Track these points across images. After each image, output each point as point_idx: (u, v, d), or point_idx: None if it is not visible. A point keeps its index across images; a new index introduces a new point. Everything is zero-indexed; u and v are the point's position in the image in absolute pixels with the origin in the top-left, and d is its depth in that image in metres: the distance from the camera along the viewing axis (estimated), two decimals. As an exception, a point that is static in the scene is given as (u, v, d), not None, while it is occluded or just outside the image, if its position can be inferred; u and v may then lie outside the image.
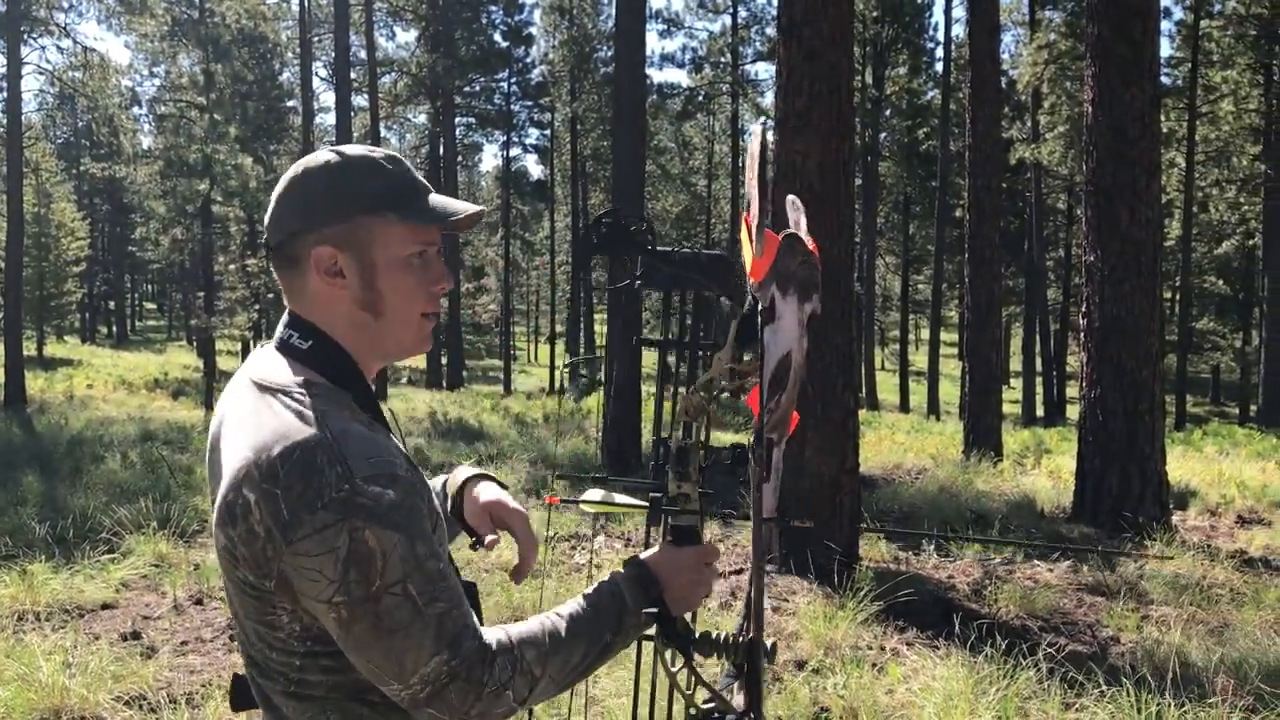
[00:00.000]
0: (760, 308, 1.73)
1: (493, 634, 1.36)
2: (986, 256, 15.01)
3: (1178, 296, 41.48)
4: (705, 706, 1.67)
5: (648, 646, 1.75)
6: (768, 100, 41.96)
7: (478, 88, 44.51)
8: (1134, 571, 7.30)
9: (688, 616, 1.67)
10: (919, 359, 61.24)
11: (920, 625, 5.89)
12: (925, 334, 54.09)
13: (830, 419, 7.22)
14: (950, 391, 45.93)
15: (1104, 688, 4.47)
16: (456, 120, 43.52)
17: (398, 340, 1.48)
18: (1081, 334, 9.51)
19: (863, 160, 39.97)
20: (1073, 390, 28.86)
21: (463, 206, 1.48)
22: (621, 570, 1.55)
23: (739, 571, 7.09)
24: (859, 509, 7.55)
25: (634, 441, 13.24)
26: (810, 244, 1.74)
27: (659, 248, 1.88)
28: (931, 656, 5.09)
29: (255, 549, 1.30)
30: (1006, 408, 34.60)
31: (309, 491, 1.27)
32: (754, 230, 1.71)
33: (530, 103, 47.74)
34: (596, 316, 53.83)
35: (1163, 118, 38.38)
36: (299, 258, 1.44)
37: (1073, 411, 25.18)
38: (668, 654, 1.65)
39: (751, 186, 1.74)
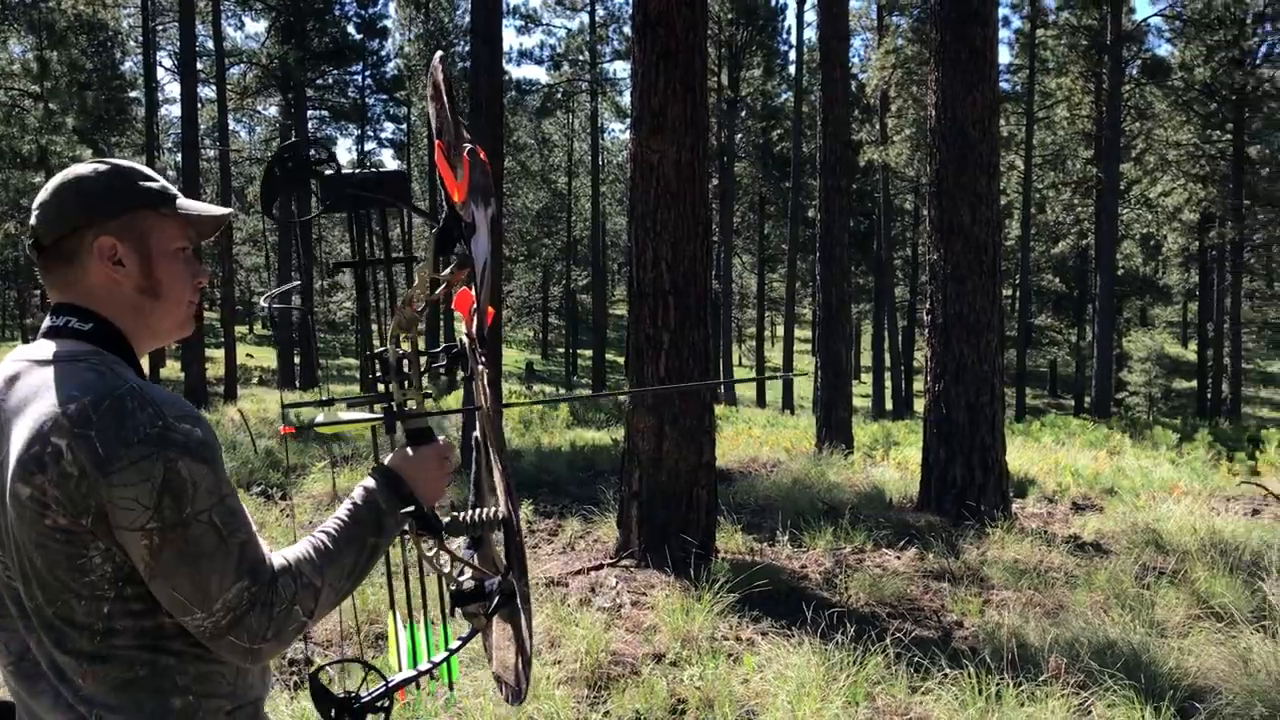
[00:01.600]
0: (464, 223, 1.89)
1: (275, 558, 1.51)
2: (837, 255, 15.42)
3: (1018, 294, 43.36)
4: (465, 581, 1.87)
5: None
6: (627, 99, 42.17)
7: (331, 80, 43.46)
8: (977, 558, 7.60)
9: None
10: (775, 355, 62.56)
11: (775, 615, 6.00)
12: (781, 331, 55.20)
13: (687, 414, 7.30)
14: (805, 387, 47.07)
15: (948, 670, 4.64)
16: (309, 113, 42.41)
17: (174, 319, 1.64)
18: (927, 330, 9.85)
19: (719, 160, 40.54)
20: (920, 384, 29.85)
21: (216, 208, 1.67)
22: (371, 479, 1.71)
23: (598, 567, 7.11)
24: (715, 502, 7.65)
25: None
26: (481, 153, 1.94)
27: (341, 171, 1.91)
28: (785, 645, 5.19)
29: (69, 489, 1.38)
30: (858, 402, 35.63)
31: (124, 430, 1.39)
32: (451, 155, 1.87)
33: (386, 96, 46.88)
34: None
35: (1002, 122, 40.04)
36: (75, 251, 1.57)
37: (920, 405, 26.09)
38: (424, 544, 1.82)
39: (445, 115, 1.90)
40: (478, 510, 1.91)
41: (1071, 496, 11.29)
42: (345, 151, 49.16)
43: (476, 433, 2.15)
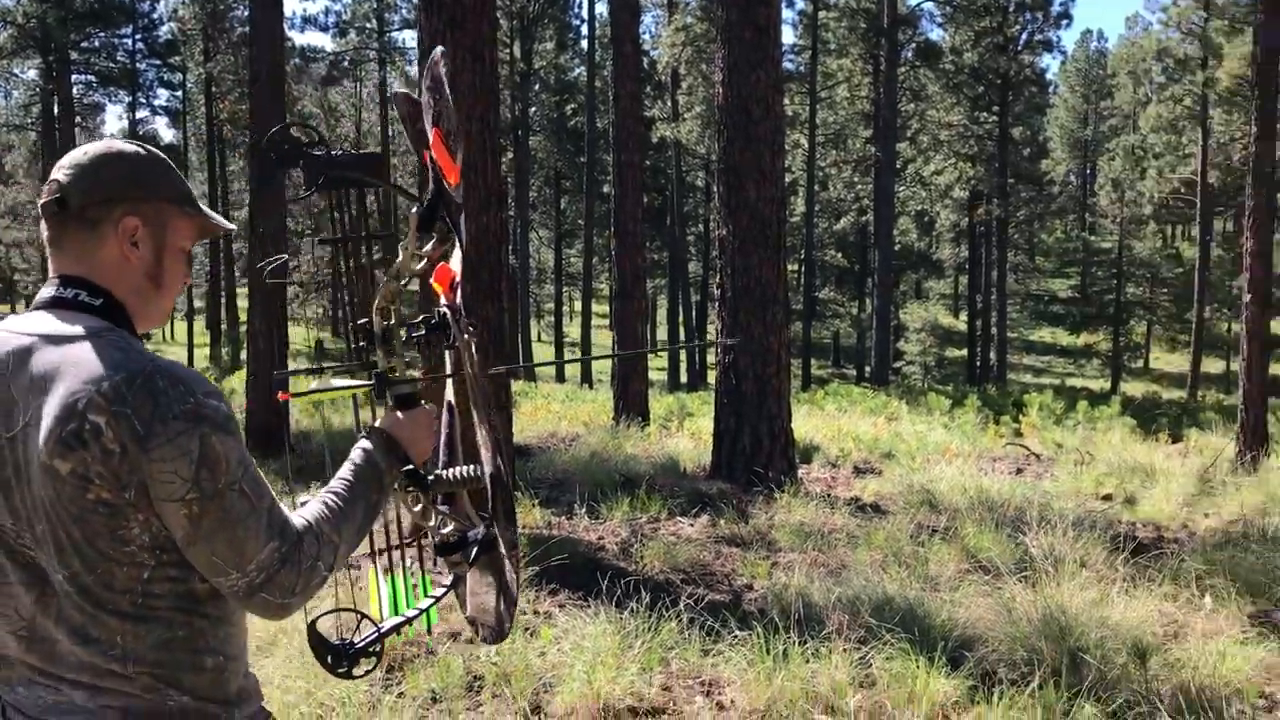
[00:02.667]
0: (455, 204, 2.05)
1: (295, 519, 1.63)
2: (631, 230, 15.58)
3: (803, 268, 44.99)
4: (448, 534, 2.06)
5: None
6: (416, 69, 41.24)
7: (97, 43, 40.62)
8: (765, 522, 7.85)
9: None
10: (573, 330, 62.71)
11: (572, 587, 6.03)
12: (579, 305, 55.48)
13: (481, 390, 7.21)
14: (602, 361, 47.48)
15: (738, 632, 4.78)
16: (74, 78, 39.58)
17: (163, 311, 1.73)
18: (716, 303, 10.08)
19: (514, 134, 40.23)
20: (713, 357, 30.63)
21: (225, 221, 1.79)
22: (367, 441, 1.85)
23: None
24: (512, 477, 7.61)
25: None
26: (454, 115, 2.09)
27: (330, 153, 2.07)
28: (582, 616, 5.22)
29: (112, 465, 1.47)
30: (654, 375, 36.23)
31: (159, 408, 1.48)
32: (450, 142, 2.03)
33: (159, 62, 44.10)
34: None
35: (786, 101, 41.31)
36: (99, 221, 1.64)
37: (714, 377, 26.79)
38: (409, 499, 2.04)
39: (445, 105, 2.05)
40: (454, 469, 2.07)
41: (853, 461, 11.83)
42: (115, 120, 46.15)
43: (450, 397, 2.30)
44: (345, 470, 1.79)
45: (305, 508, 1.68)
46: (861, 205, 44.36)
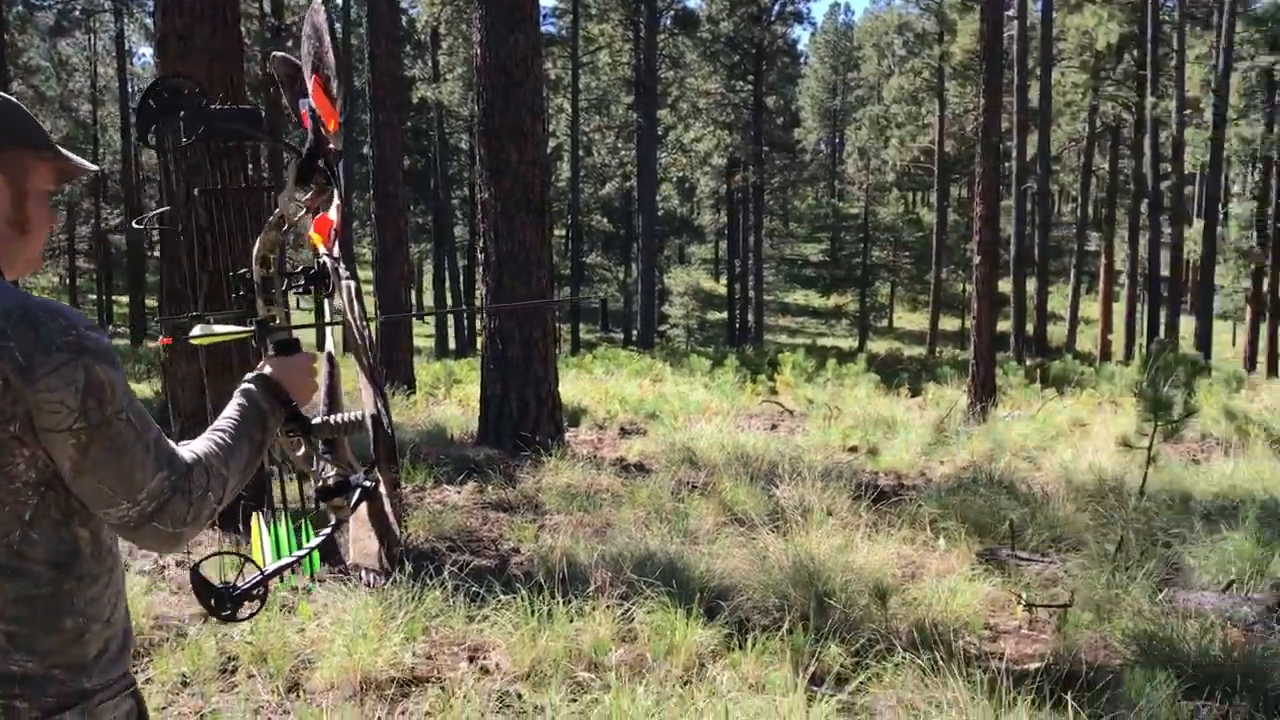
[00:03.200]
0: (335, 151, 2.10)
1: (184, 452, 1.66)
2: (392, 192, 15.20)
3: (570, 233, 45.23)
4: (330, 478, 2.11)
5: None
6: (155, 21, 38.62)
7: None
8: (533, 486, 7.89)
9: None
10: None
11: (333, 562, 5.87)
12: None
13: (228, 366, 6.89)
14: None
15: (503, 597, 4.79)
16: None
17: (29, 257, 1.70)
18: (481, 268, 10.00)
19: (265, 92, 38.40)
20: (481, 322, 30.39)
21: (88, 163, 1.76)
22: (249, 384, 1.88)
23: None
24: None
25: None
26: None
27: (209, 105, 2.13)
28: (342, 590, 5.10)
29: None
30: (421, 342, 35.61)
31: (40, 339, 1.49)
32: (330, 88, 2.08)
33: None
34: None
35: (550, 65, 41.08)
36: None
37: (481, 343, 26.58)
38: (291, 443, 2.11)
39: (325, 53, 2.12)
40: (337, 415, 2.10)
41: (619, 422, 12.05)
42: None
43: (330, 347, 2.35)
44: (230, 410, 1.82)
45: (193, 443, 1.71)
46: (626, 171, 44.95)
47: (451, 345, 41.82)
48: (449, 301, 45.10)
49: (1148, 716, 3.63)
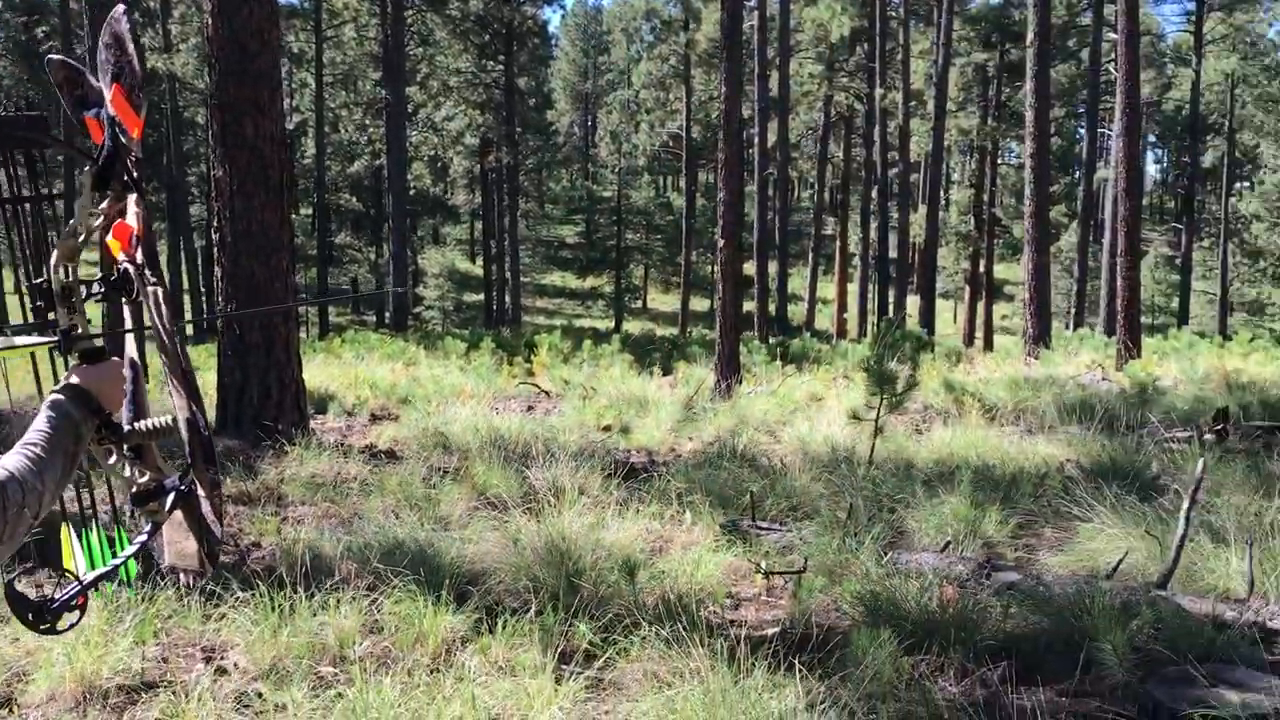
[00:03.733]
0: (136, 158, 2.07)
1: None
2: (117, 169, 14.19)
3: (316, 212, 43.64)
4: (144, 483, 2.04)
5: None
6: None
7: None
8: (275, 477, 7.56)
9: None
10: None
11: (54, 566, 5.45)
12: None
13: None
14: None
15: (240, 594, 4.57)
16: None
17: None
18: (216, 249, 9.48)
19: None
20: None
21: None
22: (58, 394, 1.86)
23: None
24: None
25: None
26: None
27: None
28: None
29: None
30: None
31: None
32: (133, 98, 2.05)
33: None
34: None
35: (292, 38, 39.45)
36: None
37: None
38: (103, 451, 2.03)
39: (128, 61, 2.08)
40: (147, 420, 2.05)
41: (370, 408, 11.74)
42: None
43: (133, 354, 2.25)
44: (41, 422, 1.79)
45: (3, 459, 1.68)
46: (375, 149, 43.74)
47: (190, 332, 39.57)
48: (186, 284, 42.62)
49: (873, 674, 3.86)
